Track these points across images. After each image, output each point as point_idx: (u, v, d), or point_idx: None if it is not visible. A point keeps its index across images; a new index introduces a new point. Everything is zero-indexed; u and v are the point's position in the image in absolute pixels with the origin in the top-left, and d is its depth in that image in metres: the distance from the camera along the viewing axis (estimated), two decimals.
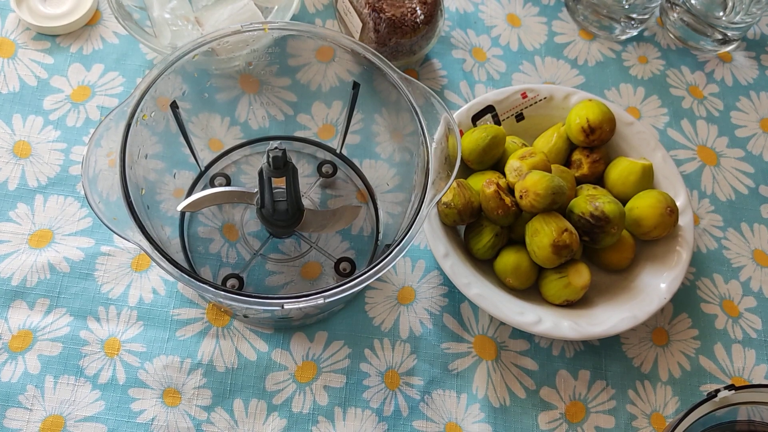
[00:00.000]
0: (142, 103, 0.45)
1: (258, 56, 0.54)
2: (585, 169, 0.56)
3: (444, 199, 0.51)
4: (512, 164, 0.53)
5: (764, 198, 0.61)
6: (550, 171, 0.53)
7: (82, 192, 0.55)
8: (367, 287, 0.54)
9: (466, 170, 0.56)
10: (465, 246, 0.54)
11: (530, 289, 0.54)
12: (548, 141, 0.57)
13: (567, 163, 0.57)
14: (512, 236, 0.54)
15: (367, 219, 0.56)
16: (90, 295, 0.51)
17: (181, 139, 0.52)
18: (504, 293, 0.51)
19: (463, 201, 0.51)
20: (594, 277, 0.55)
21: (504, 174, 0.54)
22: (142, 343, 0.50)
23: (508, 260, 0.52)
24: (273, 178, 0.46)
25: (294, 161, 0.46)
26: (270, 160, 0.44)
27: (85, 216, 0.54)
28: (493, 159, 0.55)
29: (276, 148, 0.44)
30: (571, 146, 0.57)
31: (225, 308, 0.51)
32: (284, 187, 0.48)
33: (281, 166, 0.45)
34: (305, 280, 0.53)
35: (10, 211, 0.54)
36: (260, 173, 0.47)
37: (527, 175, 0.50)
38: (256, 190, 0.50)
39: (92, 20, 0.62)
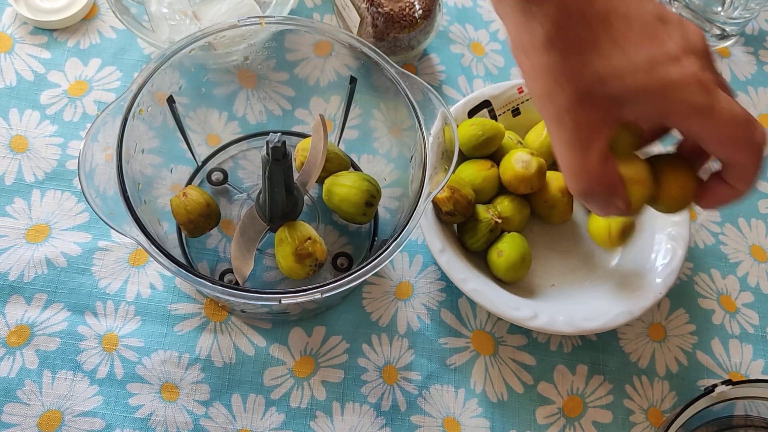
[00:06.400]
0: (138, 98, 0.45)
1: (255, 51, 0.54)
2: None
3: (444, 209, 0.51)
4: (520, 156, 0.53)
5: (762, 193, 0.61)
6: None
7: (79, 187, 0.54)
8: (365, 282, 0.54)
9: (461, 158, 0.56)
10: (459, 240, 0.54)
11: (527, 284, 0.54)
12: (539, 135, 0.57)
13: None
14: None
15: None
16: (87, 290, 0.51)
17: (178, 134, 0.52)
18: (500, 288, 0.51)
19: (464, 204, 0.51)
20: (590, 271, 0.55)
21: (497, 163, 0.54)
22: (140, 338, 0.50)
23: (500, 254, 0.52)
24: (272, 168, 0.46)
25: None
26: (269, 150, 0.44)
27: (82, 211, 0.54)
28: (488, 152, 0.55)
29: (277, 139, 0.44)
30: None
31: (223, 303, 0.51)
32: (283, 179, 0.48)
33: (280, 157, 0.44)
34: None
35: (6, 206, 0.54)
36: (267, 168, 0.46)
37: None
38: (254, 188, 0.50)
39: (89, 14, 0.62)
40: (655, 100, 0.33)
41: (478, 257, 0.54)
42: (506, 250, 0.52)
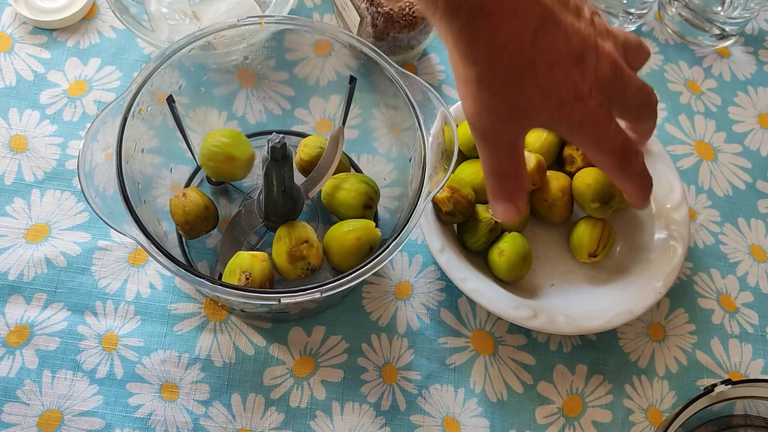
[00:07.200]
0: (138, 98, 0.45)
1: (255, 50, 0.54)
2: (579, 162, 0.56)
3: (444, 209, 0.51)
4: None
5: (761, 193, 0.61)
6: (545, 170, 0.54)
7: (79, 186, 0.54)
8: (365, 282, 0.54)
9: (460, 157, 0.56)
10: (459, 239, 0.54)
11: (527, 284, 0.54)
12: (539, 136, 0.57)
13: (559, 160, 0.57)
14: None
15: None
16: (87, 290, 0.51)
17: (178, 133, 0.52)
18: (500, 288, 0.51)
19: (464, 204, 0.51)
20: (590, 272, 0.55)
21: None
22: (139, 338, 0.50)
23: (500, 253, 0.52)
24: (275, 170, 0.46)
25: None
26: (269, 150, 0.44)
27: (81, 210, 0.54)
28: None
29: (278, 140, 0.44)
30: (562, 141, 0.57)
31: (222, 303, 0.51)
32: (281, 180, 0.48)
33: (280, 157, 0.45)
34: None
35: (6, 206, 0.54)
36: (265, 167, 0.46)
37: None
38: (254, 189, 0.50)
39: (89, 14, 0.62)
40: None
41: (478, 257, 0.54)
42: (507, 249, 0.52)
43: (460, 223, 0.54)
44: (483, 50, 0.40)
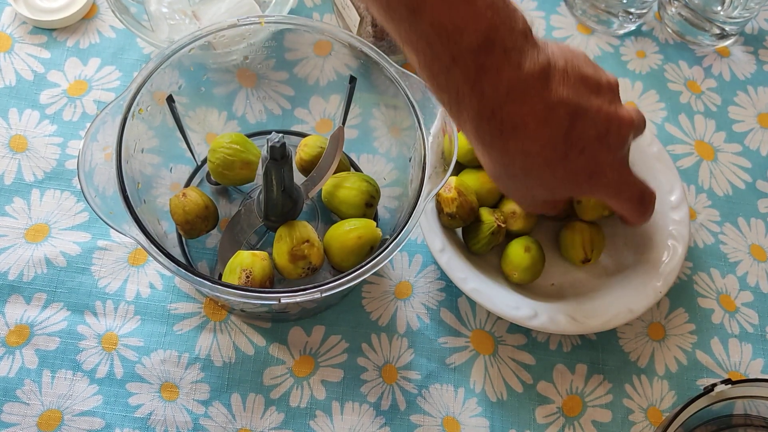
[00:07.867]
0: (138, 97, 0.45)
1: (255, 50, 0.54)
2: None
3: (447, 210, 0.51)
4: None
5: (761, 193, 0.61)
6: None
7: (79, 186, 0.54)
8: (364, 282, 0.54)
9: (461, 166, 0.56)
10: (463, 241, 0.54)
11: (527, 284, 0.54)
12: None
13: None
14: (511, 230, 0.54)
15: None
16: (87, 290, 0.51)
17: (178, 133, 0.52)
18: (501, 287, 0.51)
19: (467, 210, 0.51)
20: (591, 272, 0.55)
21: None
22: (139, 338, 0.50)
23: (515, 254, 0.52)
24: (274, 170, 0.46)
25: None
26: (268, 150, 0.44)
27: (81, 210, 0.54)
28: None
29: (277, 139, 0.44)
30: None
31: (222, 302, 0.51)
32: (281, 180, 0.48)
33: (279, 157, 0.45)
34: None
35: (6, 206, 0.54)
36: (264, 166, 0.46)
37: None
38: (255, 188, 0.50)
39: (89, 14, 0.62)
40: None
41: (479, 257, 0.54)
42: (534, 247, 0.52)
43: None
44: (515, 159, 0.41)
